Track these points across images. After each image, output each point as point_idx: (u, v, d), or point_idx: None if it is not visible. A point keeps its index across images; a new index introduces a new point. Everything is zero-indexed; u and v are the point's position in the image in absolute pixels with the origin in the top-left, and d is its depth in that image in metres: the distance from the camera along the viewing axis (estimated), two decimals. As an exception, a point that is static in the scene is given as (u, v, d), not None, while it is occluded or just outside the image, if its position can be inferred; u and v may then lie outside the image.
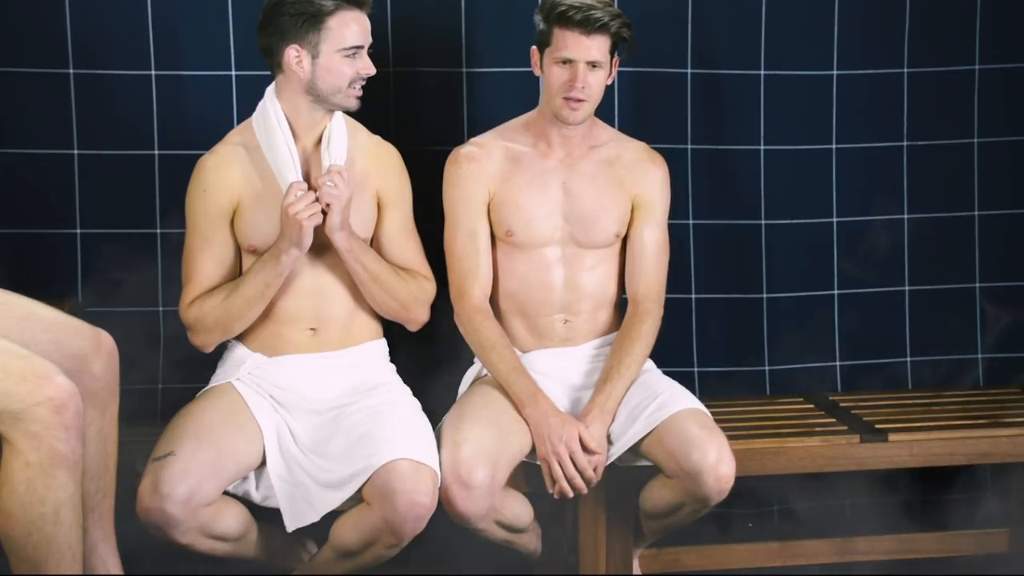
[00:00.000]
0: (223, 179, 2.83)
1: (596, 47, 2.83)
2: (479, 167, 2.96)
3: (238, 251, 2.87)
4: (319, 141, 2.85)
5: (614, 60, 2.90)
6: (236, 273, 2.86)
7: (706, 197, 3.44)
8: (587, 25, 2.81)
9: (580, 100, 2.85)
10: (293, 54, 2.77)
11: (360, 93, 2.81)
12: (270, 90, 2.87)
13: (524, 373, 2.88)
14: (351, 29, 2.76)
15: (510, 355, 2.90)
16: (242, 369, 2.86)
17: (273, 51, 2.80)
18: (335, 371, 2.87)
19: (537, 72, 2.92)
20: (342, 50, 2.76)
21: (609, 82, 2.92)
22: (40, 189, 3.17)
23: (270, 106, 2.84)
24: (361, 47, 2.78)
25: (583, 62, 2.83)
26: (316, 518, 2.70)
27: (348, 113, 2.86)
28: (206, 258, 2.84)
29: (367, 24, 2.80)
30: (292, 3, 2.74)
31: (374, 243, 2.91)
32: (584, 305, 2.99)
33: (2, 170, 3.16)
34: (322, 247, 2.82)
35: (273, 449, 2.75)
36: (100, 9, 3.17)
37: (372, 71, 2.80)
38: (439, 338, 3.04)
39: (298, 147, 2.83)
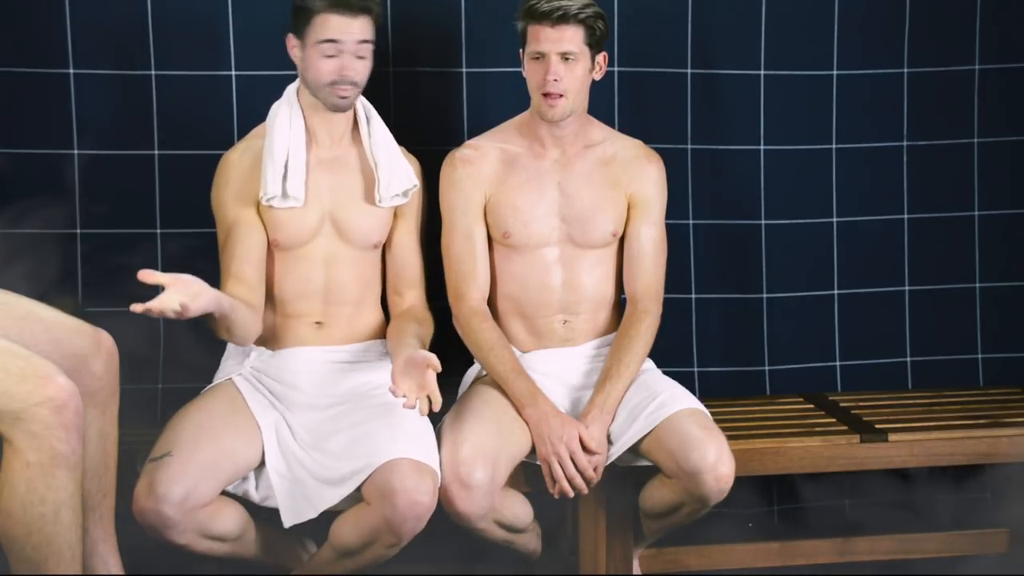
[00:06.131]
0: (245, 168, 2.86)
1: (567, 38, 2.84)
2: (474, 170, 2.97)
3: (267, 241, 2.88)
4: (342, 136, 2.91)
5: (600, 55, 2.91)
6: (262, 263, 2.86)
7: (706, 197, 3.44)
8: (553, 15, 2.83)
9: (557, 95, 2.86)
10: (291, 43, 2.86)
11: (344, 94, 2.83)
12: (291, 88, 2.91)
13: (523, 374, 2.88)
14: (330, 24, 2.80)
15: (509, 356, 2.91)
16: (246, 363, 2.87)
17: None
18: (338, 366, 2.88)
19: (524, 74, 2.93)
20: (318, 43, 2.80)
21: (598, 77, 2.93)
22: (40, 189, 3.17)
23: (285, 105, 2.88)
24: (334, 43, 2.80)
25: (554, 54, 2.84)
26: (314, 514, 2.70)
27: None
28: (232, 250, 2.84)
29: (357, 27, 2.80)
30: None
31: (385, 249, 2.96)
32: (583, 306, 2.99)
33: (2, 170, 3.16)
34: (334, 252, 2.87)
35: (272, 445, 2.75)
36: (100, 9, 3.17)
37: (352, 74, 2.82)
38: (439, 339, 3.04)
39: (321, 142, 2.88)
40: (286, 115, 2.87)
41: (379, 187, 2.89)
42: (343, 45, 2.80)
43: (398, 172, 2.91)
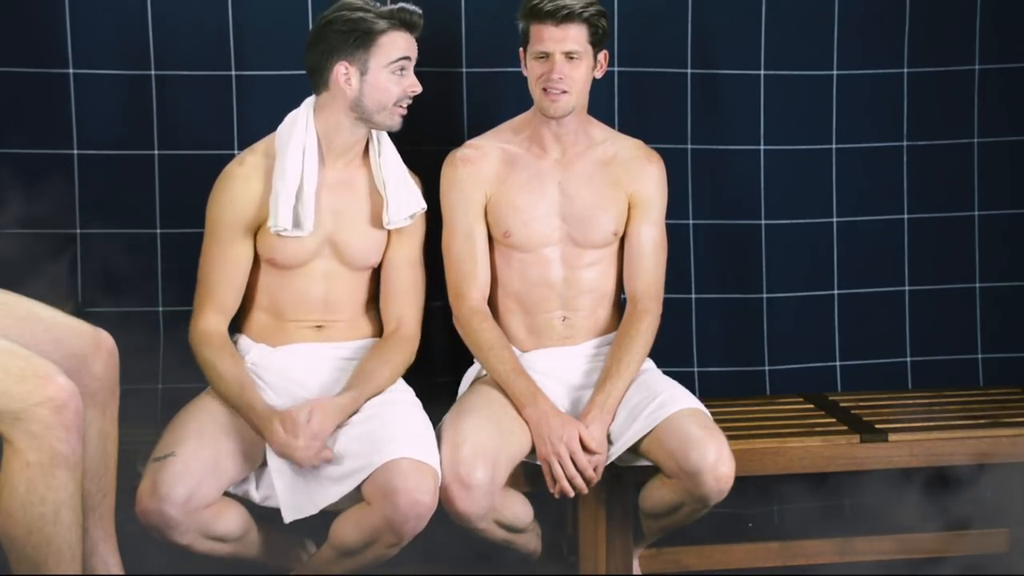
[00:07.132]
0: (252, 190, 2.81)
1: (570, 38, 2.84)
2: (475, 169, 2.97)
3: (256, 261, 2.85)
4: (351, 160, 2.87)
5: (601, 53, 2.91)
6: (243, 286, 2.84)
7: (706, 197, 3.44)
8: (557, 15, 2.83)
9: (560, 91, 2.86)
10: (342, 70, 2.77)
11: (404, 112, 2.82)
12: (309, 103, 2.84)
13: (523, 373, 2.88)
14: (400, 42, 2.77)
15: (509, 356, 2.90)
16: (247, 360, 2.86)
17: (321, 68, 2.78)
18: (339, 363, 2.88)
19: (525, 73, 2.93)
20: (390, 64, 2.76)
21: (599, 75, 2.93)
22: (40, 189, 3.17)
23: (301, 126, 2.80)
24: (408, 60, 2.78)
25: (559, 53, 2.85)
26: (315, 511, 2.70)
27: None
28: (219, 274, 2.81)
29: (415, 44, 2.81)
30: (344, 20, 2.75)
31: (381, 265, 2.92)
32: (583, 301, 2.99)
33: (2, 170, 3.16)
34: (332, 271, 2.86)
35: (273, 442, 2.75)
36: (99, 9, 3.17)
37: (418, 89, 2.81)
38: (439, 339, 3.05)
39: (329, 165, 2.83)
40: (300, 138, 2.80)
41: (387, 209, 2.85)
42: (410, 62, 2.79)
43: (406, 195, 2.88)
